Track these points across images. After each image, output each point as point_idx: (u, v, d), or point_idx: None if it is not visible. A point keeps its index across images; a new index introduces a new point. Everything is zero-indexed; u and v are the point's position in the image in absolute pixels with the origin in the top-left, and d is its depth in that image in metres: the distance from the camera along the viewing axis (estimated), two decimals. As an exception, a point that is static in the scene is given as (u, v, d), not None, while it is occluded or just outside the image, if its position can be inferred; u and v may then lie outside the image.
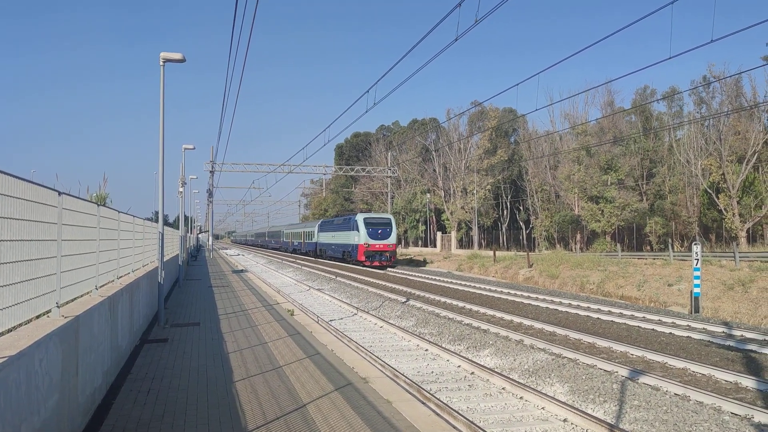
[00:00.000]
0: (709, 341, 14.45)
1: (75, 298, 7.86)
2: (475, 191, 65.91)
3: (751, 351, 13.27)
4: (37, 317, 6.16)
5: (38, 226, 5.83)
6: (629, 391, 10.41)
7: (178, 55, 15.29)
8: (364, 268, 44.27)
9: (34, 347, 5.06)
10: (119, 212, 11.48)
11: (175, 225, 54.36)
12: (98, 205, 9.19)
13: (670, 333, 15.58)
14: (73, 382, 6.51)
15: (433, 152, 74.53)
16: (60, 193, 6.60)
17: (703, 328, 16.49)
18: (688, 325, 16.96)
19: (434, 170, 74.35)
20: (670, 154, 56.08)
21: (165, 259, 17.49)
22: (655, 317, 18.43)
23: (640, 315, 18.99)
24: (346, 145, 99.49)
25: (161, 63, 15.41)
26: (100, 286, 9.36)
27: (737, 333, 15.75)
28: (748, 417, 8.95)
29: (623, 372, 11.43)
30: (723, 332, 15.93)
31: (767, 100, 45.82)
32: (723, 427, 8.62)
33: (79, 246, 7.75)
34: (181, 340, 13.01)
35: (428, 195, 73.83)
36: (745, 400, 9.71)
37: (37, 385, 5.12)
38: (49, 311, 6.38)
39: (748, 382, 10.66)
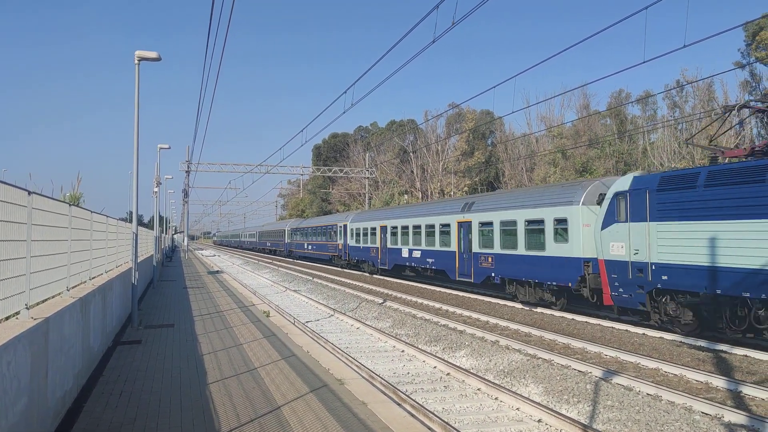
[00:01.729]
0: (680, 342, 14.65)
1: (45, 300, 7.73)
2: (452, 193, 66.17)
3: (722, 351, 13.48)
4: (6, 319, 6.05)
5: (7, 226, 5.72)
6: (603, 392, 10.52)
7: (153, 54, 15.13)
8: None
9: (2, 350, 4.96)
10: (92, 212, 11.33)
11: (149, 225, 53.78)
12: (70, 204, 9.06)
13: (643, 334, 15.76)
14: (43, 385, 6.39)
15: (411, 154, 74.65)
16: (30, 193, 6.49)
17: (675, 329, 16.70)
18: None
19: (412, 171, 74.46)
20: (644, 156, 56.80)
21: (139, 260, 17.28)
22: (629, 318, 18.62)
23: (614, 316, 19.18)
24: (324, 146, 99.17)
25: (136, 61, 15.23)
26: (72, 287, 9.22)
27: (708, 333, 15.98)
28: (718, 416, 9.09)
29: (597, 372, 11.55)
30: (695, 333, 16.14)
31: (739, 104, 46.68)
32: (694, 426, 8.74)
33: (50, 246, 7.62)
34: (155, 341, 12.86)
35: (406, 196, 73.93)
36: (715, 399, 9.87)
37: (4, 389, 5.02)
38: (18, 313, 6.26)
39: (719, 382, 10.84)
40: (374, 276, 36.54)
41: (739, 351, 13.25)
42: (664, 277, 15.01)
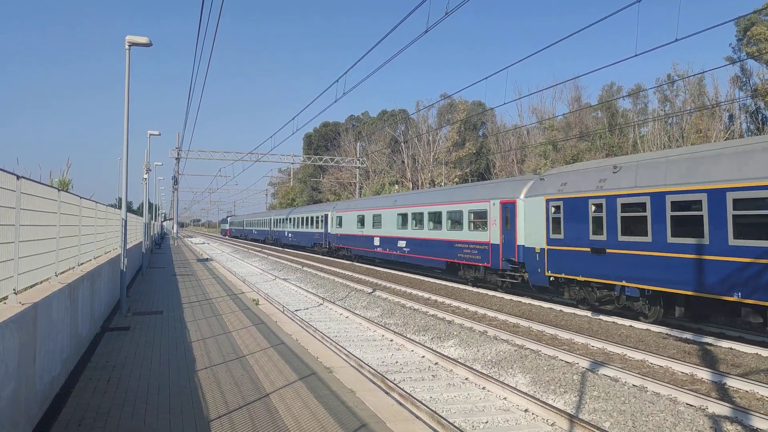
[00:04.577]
0: (667, 334, 14.79)
1: (34, 285, 7.70)
2: (443, 183, 66.22)
3: (707, 344, 13.62)
4: (-7, 304, 6.02)
5: (-5, 211, 5.69)
6: (589, 382, 10.61)
7: (144, 39, 14.98)
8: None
9: (-10, 334, 4.94)
10: (81, 198, 11.26)
11: (139, 212, 53.52)
12: (59, 190, 9.01)
13: (630, 326, 15.89)
14: (31, 370, 6.38)
15: (402, 144, 74.56)
16: (18, 177, 6.44)
17: (662, 321, 16.85)
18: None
19: (403, 162, 74.42)
20: (635, 150, 57.08)
21: (128, 247, 17.22)
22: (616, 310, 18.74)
23: (601, 307, 19.31)
24: (315, 135, 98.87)
25: (126, 47, 15.09)
26: (61, 273, 9.18)
27: (694, 326, 16.13)
28: (702, 408, 9.20)
29: (584, 363, 11.64)
30: (680, 325, 16.30)
31: (729, 100, 46.97)
32: (678, 417, 8.85)
33: (39, 232, 7.58)
34: (144, 328, 12.84)
35: (396, 186, 73.92)
36: (700, 391, 9.98)
37: (-8, 373, 5.01)
38: (5, 298, 6.23)
39: (704, 374, 10.95)
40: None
41: (725, 344, 13.39)
42: None
